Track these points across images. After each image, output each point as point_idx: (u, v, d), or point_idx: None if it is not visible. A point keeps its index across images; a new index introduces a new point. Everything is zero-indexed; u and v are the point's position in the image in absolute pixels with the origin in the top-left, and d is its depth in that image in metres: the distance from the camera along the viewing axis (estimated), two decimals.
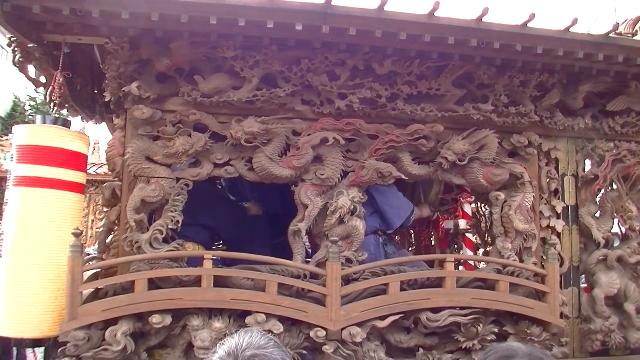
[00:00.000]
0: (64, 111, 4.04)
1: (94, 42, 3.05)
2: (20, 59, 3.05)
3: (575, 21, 2.76)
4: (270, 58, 2.91)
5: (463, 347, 2.96)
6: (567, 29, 2.81)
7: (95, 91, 3.84)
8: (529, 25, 2.76)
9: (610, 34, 2.97)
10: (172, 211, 2.84)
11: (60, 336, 2.62)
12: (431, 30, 2.70)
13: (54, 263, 2.72)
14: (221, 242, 3.56)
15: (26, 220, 2.69)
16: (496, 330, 3.00)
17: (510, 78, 3.15)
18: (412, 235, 4.85)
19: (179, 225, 2.83)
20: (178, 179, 2.89)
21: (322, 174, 2.98)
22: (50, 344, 2.81)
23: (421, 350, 2.95)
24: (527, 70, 3.14)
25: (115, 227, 3.03)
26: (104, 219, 3.20)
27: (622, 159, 3.30)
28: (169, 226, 2.80)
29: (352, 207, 2.97)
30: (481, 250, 4.23)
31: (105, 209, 3.20)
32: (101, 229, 3.14)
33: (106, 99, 3.04)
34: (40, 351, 2.92)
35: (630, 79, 3.22)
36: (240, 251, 2.99)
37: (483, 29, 2.74)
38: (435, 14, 2.66)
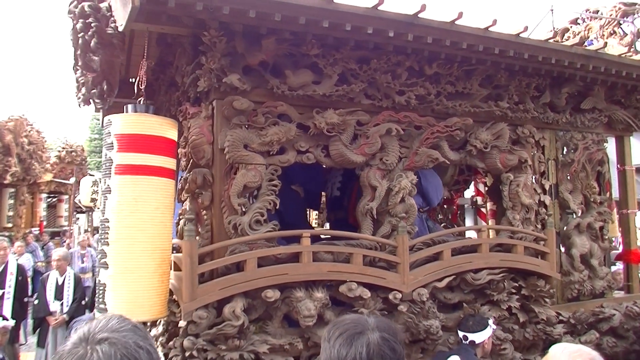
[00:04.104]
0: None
1: (177, 33, 3.20)
2: (98, 45, 3.07)
3: (582, 41, 3.64)
4: (346, 57, 3.34)
5: (493, 300, 3.73)
6: (573, 45, 3.69)
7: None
8: (549, 41, 3.58)
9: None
10: (268, 195, 3.15)
11: (184, 316, 2.83)
12: (484, 42, 3.36)
13: (160, 248, 2.87)
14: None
15: (134, 207, 2.79)
16: (516, 284, 3.83)
17: (519, 81, 3.96)
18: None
19: (276, 207, 3.16)
20: (267, 166, 3.20)
21: (387, 160, 3.50)
22: None
23: (464, 304, 3.65)
24: (530, 74, 3.98)
25: (204, 211, 3.23)
26: (188, 204, 3.35)
27: (588, 147, 4.34)
28: (268, 208, 3.13)
29: (411, 188, 3.55)
30: None
31: (186, 195, 3.34)
32: (189, 214, 3.28)
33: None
34: None
35: (597, 84, 4.24)
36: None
37: (519, 43, 3.48)
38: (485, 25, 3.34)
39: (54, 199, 17.85)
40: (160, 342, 3.44)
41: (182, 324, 2.97)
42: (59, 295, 6.31)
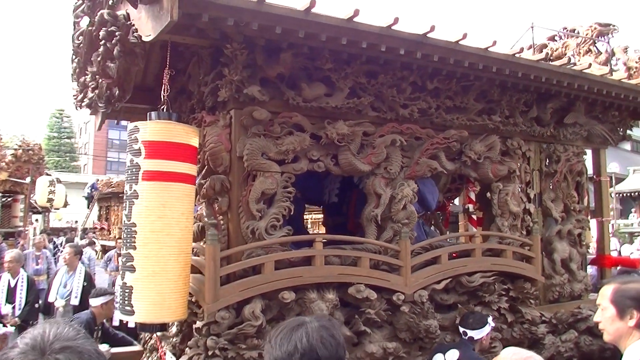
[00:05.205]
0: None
1: (198, 44, 3.41)
2: (120, 53, 3.24)
3: (569, 61, 4.06)
4: (356, 71, 3.62)
5: (485, 301, 4.09)
6: (561, 65, 4.10)
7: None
8: (541, 61, 3.97)
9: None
10: (284, 201, 3.40)
11: (207, 317, 3.04)
12: (484, 61, 3.72)
13: (185, 252, 3.08)
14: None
15: (162, 212, 2.97)
16: (505, 286, 4.20)
17: (511, 97, 4.35)
18: None
19: (291, 212, 3.41)
20: (282, 173, 3.45)
21: (391, 169, 3.80)
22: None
23: (459, 305, 3.99)
24: (520, 90, 4.37)
25: (220, 217, 3.45)
26: (204, 209, 3.55)
27: (569, 158, 4.78)
28: (283, 214, 3.37)
29: (412, 196, 3.86)
30: None
31: (202, 200, 3.54)
32: (206, 218, 3.49)
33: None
34: None
35: (579, 100, 4.69)
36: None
37: (515, 62, 3.86)
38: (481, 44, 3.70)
39: (9, 199, 17.36)
40: (172, 343, 3.63)
41: (199, 324, 3.18)
42: (10, 298, 6.32)
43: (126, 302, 3.00)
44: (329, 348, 1.46)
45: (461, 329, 3.57)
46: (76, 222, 21.16)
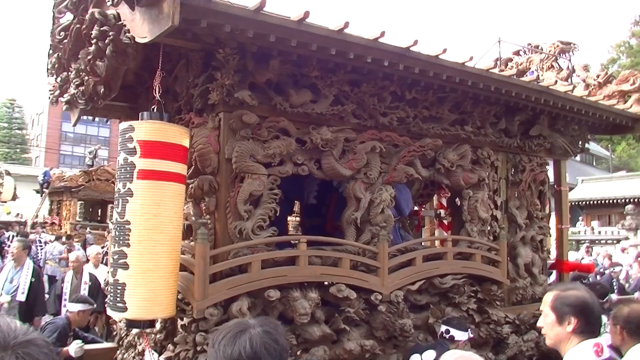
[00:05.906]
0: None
1: (188, 47, 3.53)
2: (113, 53, 3.33)
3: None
4: (341, 80, 3.82)
5: (455, 302, 4.36)
6: (531, 81, 4.43)
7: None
8: (514, 77, 4.29)
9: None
10: (269, 203, 3.56)
11: (197, 313, 3.17)
12: (461, 74, 3.99)
13: (176, 250, 3.19)
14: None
15: (156, 211, 3.08)
16: (473, 288, 4.49)
17: (482, 109, 4.65)
18: None
19: (277, 213, 3.57)
20: (268, 176, 3.61)
21: (371, 174, 4.02)
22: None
23: (431, 306, 4.25)
24: (491, 103, 4.68)
25: (207, 216, 3.57)
26: (191, 209, 3.66)
27: (534, 168, 5.13)
28: (269, 215, 3.53)
29: (390, 200, 4.09)
30: None
31: (189, 200, 3.66)
32: (194, 217, 3.60)
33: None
34: None
35: (544, 114, 5.04)
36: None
37: (489, 77, 4.15)
38: (454, 58, 3.98)
39: None
40: (155, 339, 3.71)
41: (187, 321, 3.30)
42: None
43: (118, 298, 3.09)
44: (272, 354, 1.49)
45: (444, 327, 3.80)
46: (36, 216, 20.51)
